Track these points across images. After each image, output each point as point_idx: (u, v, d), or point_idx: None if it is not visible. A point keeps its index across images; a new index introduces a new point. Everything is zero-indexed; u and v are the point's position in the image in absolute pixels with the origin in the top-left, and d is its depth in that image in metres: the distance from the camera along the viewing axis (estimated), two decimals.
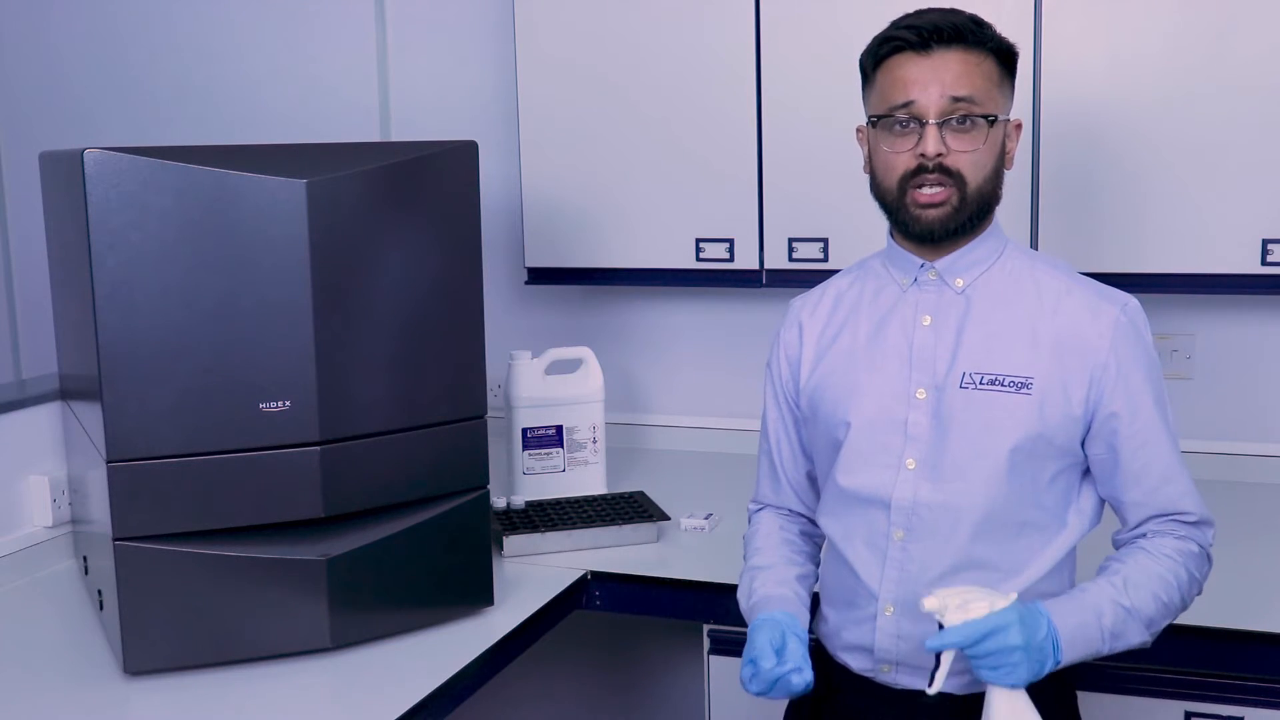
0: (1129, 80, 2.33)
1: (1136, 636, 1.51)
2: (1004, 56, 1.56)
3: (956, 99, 1.51)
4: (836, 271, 2.67)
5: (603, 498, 2.50)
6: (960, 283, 1.59)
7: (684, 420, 3.03)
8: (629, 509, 2.41)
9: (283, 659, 1.86)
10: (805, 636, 1.58)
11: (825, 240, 2.54)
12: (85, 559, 2.15)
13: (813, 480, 1.77)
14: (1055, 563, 1.58)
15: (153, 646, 1.80)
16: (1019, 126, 1.60)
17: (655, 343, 3.04)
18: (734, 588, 2.12)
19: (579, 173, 2.71)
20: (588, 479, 2.61)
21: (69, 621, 2.06)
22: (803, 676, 1.52)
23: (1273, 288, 2.32)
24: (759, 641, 1.55)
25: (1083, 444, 1.57)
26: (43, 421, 2.31)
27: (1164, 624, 1.54)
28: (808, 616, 1.65)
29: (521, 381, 2.57)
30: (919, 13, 1.56)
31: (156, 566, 1.78)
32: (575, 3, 2.66)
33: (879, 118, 1.56)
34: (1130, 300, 1.58)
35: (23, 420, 2.29)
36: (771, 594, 1.67)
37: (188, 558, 1.79)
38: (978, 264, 1.60)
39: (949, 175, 1.52)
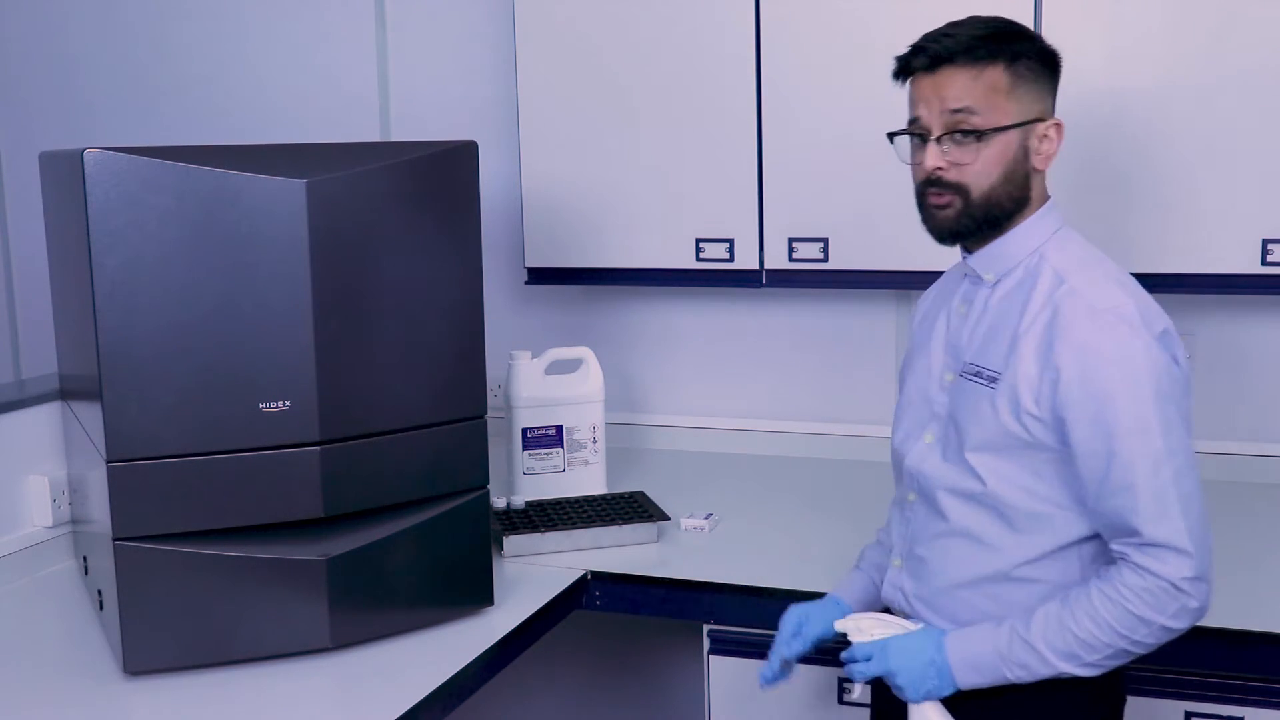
0: (1127, 79, 2.33)
1: (1050, 668, 1.54)
2: (1023, 63, 1.59)
3: (956, 111, 1.58)
4: (836, 272, 2.67)
5: (603, 498, 2.50)
6: (990, 277, 1.67)
7: (684, 420, 3.03)
8: (629, 509, 2.41)
9: (283, 659, 1.86)
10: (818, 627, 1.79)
11: (825, 240, 2.54)
12: (85, 559, 2.15)
13: None
14: (1048, 549, 1.60)
15: (153, 646, 1.80)
16: (1057, 126, 1.62)
17: (655, 343, 3.04)
18: (733, 588, 2.13)
19: (579, 173, 2.71)
20: (588, 479, 2.61)
21: (69, 621, 2.06)
22: (770, 666, 1.78)
23: (1273, 288, 2.31)
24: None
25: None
26: (43, 421, 2.31)
27: (1103, 657, 1.53)
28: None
29: (521, 381, 2.57)
30: (933, 33, 1.62)
31: (156, 566, 1.78)
32: (575, 3, 2.66)
33: (896, 133, 1.67)
34: (1124, 307, 1.53)
35: (23, 420, 2.29)
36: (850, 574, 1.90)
37: (188, 558, 1.79)
38: (1007, 259, 1.65)
39: (948, 187, 1.61)
